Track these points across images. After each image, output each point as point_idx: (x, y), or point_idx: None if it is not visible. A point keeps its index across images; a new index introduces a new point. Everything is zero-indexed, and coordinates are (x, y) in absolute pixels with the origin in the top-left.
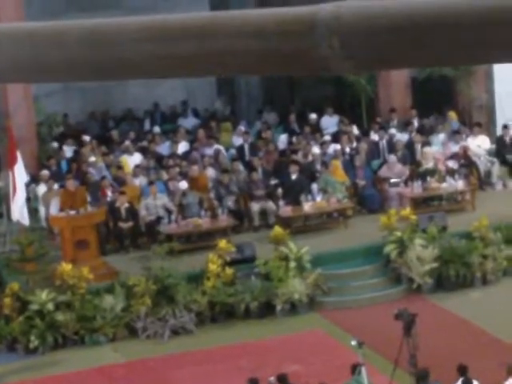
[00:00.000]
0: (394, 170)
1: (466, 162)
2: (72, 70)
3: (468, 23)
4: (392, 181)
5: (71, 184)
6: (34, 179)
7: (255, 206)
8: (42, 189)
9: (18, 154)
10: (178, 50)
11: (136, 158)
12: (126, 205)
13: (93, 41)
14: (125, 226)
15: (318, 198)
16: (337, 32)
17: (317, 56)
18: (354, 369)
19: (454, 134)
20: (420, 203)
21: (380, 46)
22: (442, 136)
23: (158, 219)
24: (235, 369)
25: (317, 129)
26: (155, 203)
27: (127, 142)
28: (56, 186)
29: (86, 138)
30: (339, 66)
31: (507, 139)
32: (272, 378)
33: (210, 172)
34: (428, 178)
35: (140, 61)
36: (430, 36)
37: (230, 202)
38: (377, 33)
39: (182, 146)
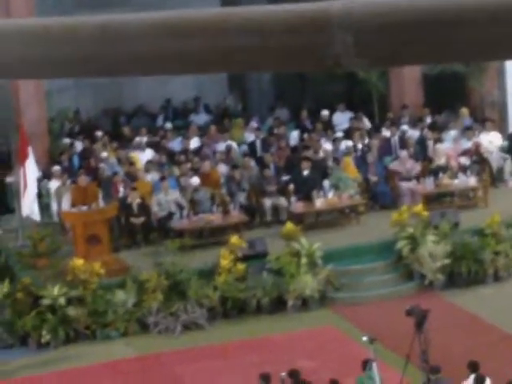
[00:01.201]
0: (406, 165)
1: (478, 159)
2: (85, 65)
3: (482, 19)
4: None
5: (83, 180)
6: (46, 175)
7: (267, 202)
8: (53, 184)
9: (30, 150)
10: (192, 47)
11: (148, 154)
12: (138, 200)
13: (106, 36)
14: (137, 221)
15: (330, 194)
16: (349, 28)
17: (329, 53)
18: (365, 365)
19: (466, 131)
20: (432, 200)
21: (392, 43)
22: (453, 132)
23: (170, 215)
24: (247, 364)
25: (328, 125)
26: (167, 199)
27: (139, 138)
28: (69, 182)
29: (98, 133)
30: (351, 62)
31: None
32: (283, 374)
33: (222, 168)
34: (440, 175)
35: (154, 57)
36: (443, 32)
37: (241, 197)
38: (389, 29)
39: (194, 142)
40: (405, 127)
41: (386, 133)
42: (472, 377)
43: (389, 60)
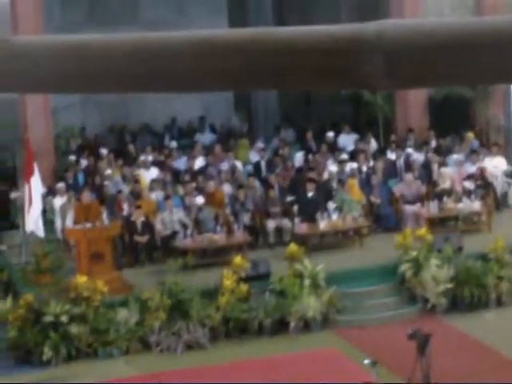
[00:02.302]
0: (411, 188)
1: (483, 183)
2: (118, 82)
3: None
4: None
5: (86, 197)
6: (51, 191)
7: (271, 223)
8: (58, 201)
9: (35, 166)
10: (222, 65)
11: (153, 173)
12: (142, 219)
13: (140, 54)
14: (140, 239)
15: (334, 216)
16: (380, 50)
17: (360, 73)
18: None
19: (471, 155)
20: (436, 223)
21: (421, 64)
22: (458, 156)
23: (174, 234)
24: None
25: (334, 147)
26: (171, 218)
27: (144, 156)
28: (74, 199)
29: (103, 151)
30: (381, 83)
31: None
32: None
33: (226, 188)
34: (444, 198)
35: (186, 74)
36: (469, 55)
37: (245, 218)
38: (419, 51)
39: (199, 162)
40: (410, 150)
41: (391, 155)
42: None
43: (416, 81)
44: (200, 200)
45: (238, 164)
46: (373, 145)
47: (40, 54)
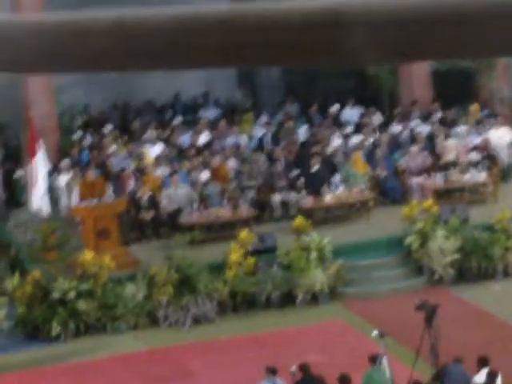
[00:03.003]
0: (416, 160)
1: (488, 154)
2: (98, 61)
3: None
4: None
5: (90, 174)
6: (56, 169)
7: (277, 197)
8: (63, 178)
9: (40, 145)
10: (206, 42)
11: (157, 149)
12: (148, 195)
13: (119, 32)
14: (146, 215)
15: (340, 190)
16: (367, 23)
17: (345, 48)
18: (373, 359)
19: (476, 126)
20: (442, 195)
21: (409, 38)
22: (463, 128)
23: (180, 209)
24: (256, 358)
25: (338, 120)
26: (177, 193)
27: (148, 133)
28: (79, 176)
29: (107, 128)
30: (368, 56)
31: None
32: (293, 368)
33: (231, 162)
34: (450, 170)
35: (168, 52)
36: (460, 28)
37: (251, 192)
38: (406, 24)
39: (204, 137)
40: (414, 122)
41: (395, 128)
42: (483, 372)
43: (404, 56)
44: (205, 175)
45: (243, 139)
46: (377, 118)
47: (16, 33)
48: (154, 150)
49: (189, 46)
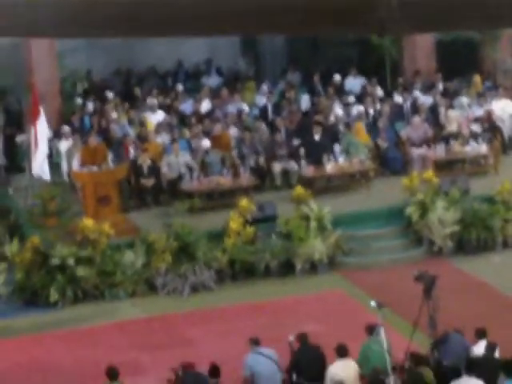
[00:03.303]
0: (418, 131)
1: (490, 126)
2: (104, 27)
3: None
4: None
5: (92, 140)
6: (57, 135)
7: (277, 166)
8: (64, 144)
9: (41, 110)
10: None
11: (159, 116)
12: (149, 162)
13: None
14: (147, 182)
15: (341, 159)
16: None
17: (374, 17)
18: (371, 330)
19: (479, 98)
20: (443, 166)
21: (436, 9)
22: (465, 99)
23: (180, 177)
24: (254, 327)
25: (340, 90)
26: (177, 161)
27: (150, 100)
28: (80, 142)
29: (110, 94)
30: (395, 27)
31: None
32: (291, 337)
33: (233, 131)
34: (451, 141)
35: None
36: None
37: (252, 160)
38: None
39: (205, 105)
40: (417, 93)
41: (397, 98)
42: (480, 343)
43: (431, 26)
44: (206, 143)
45: (245, 107)
46: (379, 88)
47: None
48: (156, 117)
49: (194, 14)
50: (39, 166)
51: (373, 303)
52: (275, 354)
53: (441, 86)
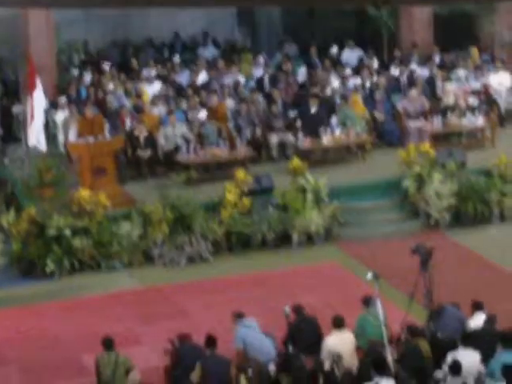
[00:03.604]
0: (415, 103)
1: (487, 99)
2: None
3: None
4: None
5: (89, 111)
6: (53, 105)
7: (274, 138)
8: (60, 115)
9: (38, 81)
10: None
11: (155, 87)
12: (145, 133)
13: None
14: (143, 154)
15: (337, 131)
16: None
17: None
18: (367, 302)
19: (476, 70)
20: (439, 139)
21: None
22: (462, 72)
23: (177, 148)
24: (250, 298)
25: (337, 62)
26: (174, 132)
27: (147, 71)
28: (76, 113)
29: (106, 65)
30: None
31: None
32: (287, 308)
33: (229, 102)
34: (448, 114)
35: None
36: None
37: (248, 132)
38: None
39: (202, 76)
40: (414, 65)
41: (394, 71)
42: (476, 316)
43: None
44: (203, 114)
45: (241, 79)
46: (375, 61)
47: None
48: (152, 89)
49: None
50: (35, 136)
51: (369, 275)
52: (257, 323)
53: (438, 59)
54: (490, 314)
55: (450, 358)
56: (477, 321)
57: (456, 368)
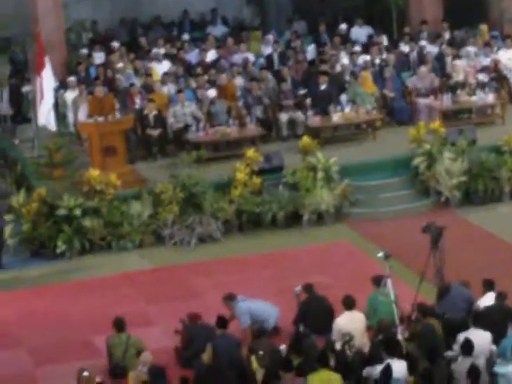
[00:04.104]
0: (424, 81)
1: (497, 76)
2: None
3: None
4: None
5: (99, 90)
6: (63, 85)
7: (284, 116)
8: (70, 95)
9: (47, 60)
10: None
11: (165, 66)
12: (155, 112)
13: None
14: (153, 133)
15: (347, 109)
16: None
17: None
18: (378, 281)
19: (485, 47)
20: (449, 116)
21: None
22: (472, 49)
23: (186, 127)
24: (261, 278)
25: (346, 39)
26: (183, 111)
27: (156, 49)
28: (85, 92)
29: (115, 44)
30: None
31: None
32: (298, 288)
33: (239, 80)
34: (458, 91)
35: None
36: None
37: (258, 111)
38: None
39: (211, 54)
40: (423, 42)
41: (404, 48)
42: (488, 295)
43: None
44: (212, 93)
45: (250, 56)
46: (384, 38)
47: None
48: (161, 67)
49: None
50: (45, 116)
51: (380, 254)
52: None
53: (447, 36)
54: (500, 292)
55: (461, 337)
56: (488, 300)
57: (468, 348)
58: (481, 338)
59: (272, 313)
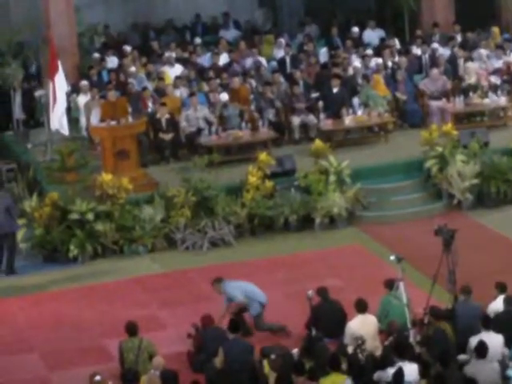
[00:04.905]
0: (437, 83)
1: (509, 78)
2: None
3: None
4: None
5: (112, 94)
6: (75, 89)
7: (296, 119)
8: (82, 99)
9: (59, 64)
10: None
11: (177, 69)
12: (167, 116)
13: None
14: (165, 137)
15: (359, 112)
16: None
17: None
18: (390, 284)
19: (497, 49)
20: (462, 119)
21: None
22: (484, 51)
23: (199, 131)
24: (273, 281)
25: (359, 42)
26: (196, 115)
27: (168, 53)
28: (98, 96)
29: (128, 48)
30: None
31: None
32: (310, 292)
33: (251, 84)
34: (470, 94)
35: None
36: None
37: (270, 114)
38: None
39: (223, 58)
40: (435, 45)
41: (416, 51)
42: (500, 297)
43: None
44: (225, 96)
45: (263, 60)
46: (396, 41)
47: None
48: (174, 71)
49: None
50: (58, 120)
51: (392, 257)
52: None
53: (459, 38)
54: (509, 296)
55: (473, 341)
56: (500, 303)
57: (482, 350)
58: (493, 340)
59: (260, 296)
